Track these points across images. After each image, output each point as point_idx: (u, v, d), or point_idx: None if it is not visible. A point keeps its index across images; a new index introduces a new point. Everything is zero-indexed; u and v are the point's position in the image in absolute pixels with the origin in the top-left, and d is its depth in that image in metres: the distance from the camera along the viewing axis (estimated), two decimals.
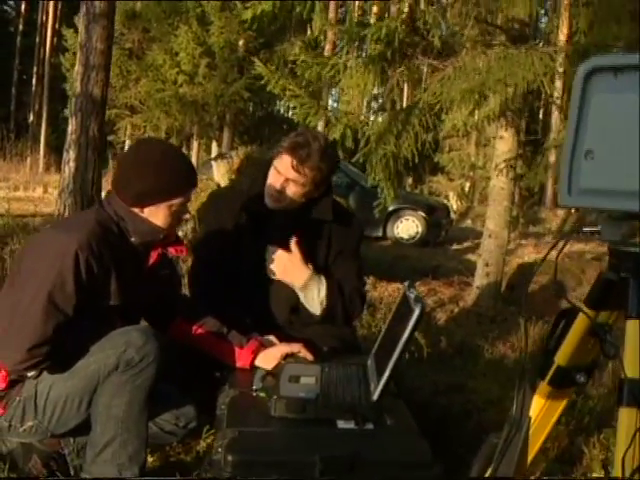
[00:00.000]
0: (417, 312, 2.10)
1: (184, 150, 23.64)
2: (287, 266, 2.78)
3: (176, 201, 2.33)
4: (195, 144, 23.79)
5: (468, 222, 18.30)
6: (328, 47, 18.10)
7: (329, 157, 2.79)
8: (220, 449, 1.95)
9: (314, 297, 2.79)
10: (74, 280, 2.16)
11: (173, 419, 2.51)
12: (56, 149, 23.48)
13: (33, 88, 33.39)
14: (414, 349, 3.99)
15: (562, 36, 7.70)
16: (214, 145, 21.89)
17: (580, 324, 1.49)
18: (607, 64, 1.33)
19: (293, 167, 2.72)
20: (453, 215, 16.43)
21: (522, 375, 1.50)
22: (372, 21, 6.26)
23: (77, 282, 2.16)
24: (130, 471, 2.24)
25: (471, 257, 10.33)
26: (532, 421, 1.54)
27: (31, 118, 32.69)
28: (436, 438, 2.45)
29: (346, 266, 2.93)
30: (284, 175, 2.75)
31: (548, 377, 1.57)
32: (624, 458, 1.21)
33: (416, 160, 5.48)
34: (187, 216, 2.44)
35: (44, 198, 13.69)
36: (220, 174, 7.47)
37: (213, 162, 8.85)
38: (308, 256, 2.85)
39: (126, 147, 23.63)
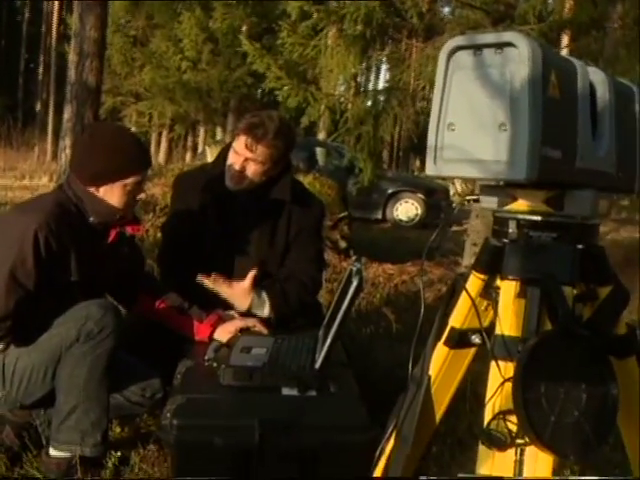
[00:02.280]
0: (355, 284, 2.22)
1: (190, 137, 23.69)
2: (229, 296, 2.82)
3: (130, 180, 2.45)
4: (201, 130, 23.80)
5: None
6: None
7: (284, 135, 2.88)
8: (168, 414, 2.07)
9: (260, 314, 2.85)
10: (34, 257, 2.28)
11: (139, 390, 2.62)
12: None
13: (40, 77, 33.39)
14: (384, 324, 4.09)
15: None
16: (219, 131, 21.87)
17: (471, 287, 1.59)
18: (468, 43, 1.43)
19: (248, 146, 2.82)
20: (458, 197, 16.40)
21: (418, 336, 1.60)
22: None
23: (37, 259, 2.29)
24: (92, 437, 2.38)
25: None
26: (433, 380, 1.65)
27: (38, 107, 32.75)
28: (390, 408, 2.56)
29: (303, 248, 3.01)
30: (242, 155, 2.85)
31: (443, 338, 1.68)
32: (492, 406, 1.33)
33: (395, 142, 5.54)
34: (142, 195, 2.55)
35: (48, 186, 13.80)
36: (212, 158, 7.53)
37: (207, 147, 8.92)
38: (269, 236, 2.97)
39: None
